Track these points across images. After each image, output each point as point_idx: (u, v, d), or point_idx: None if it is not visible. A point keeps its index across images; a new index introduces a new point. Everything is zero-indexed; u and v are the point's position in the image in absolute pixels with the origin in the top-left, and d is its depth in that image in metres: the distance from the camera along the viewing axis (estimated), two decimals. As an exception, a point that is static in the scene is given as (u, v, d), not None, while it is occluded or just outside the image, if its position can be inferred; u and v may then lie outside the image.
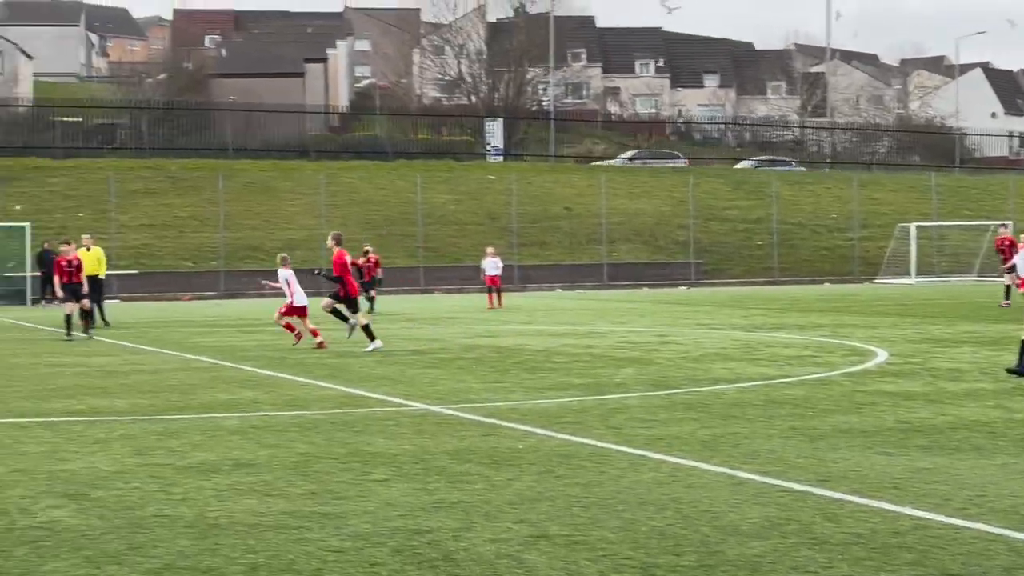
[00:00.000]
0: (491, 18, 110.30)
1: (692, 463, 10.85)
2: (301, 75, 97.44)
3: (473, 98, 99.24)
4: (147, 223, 60.23)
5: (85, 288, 27.87)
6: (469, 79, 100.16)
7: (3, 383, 18.60)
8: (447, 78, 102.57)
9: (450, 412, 14.52)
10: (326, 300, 24.70)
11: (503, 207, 66.62)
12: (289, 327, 25.26)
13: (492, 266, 40.67)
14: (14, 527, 8.75)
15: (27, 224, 51.88)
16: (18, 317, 38.86)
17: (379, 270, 38.21)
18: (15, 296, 49.54)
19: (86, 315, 28.24)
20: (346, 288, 23.86)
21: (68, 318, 27.48)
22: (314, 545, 8.10)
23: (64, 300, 27.67)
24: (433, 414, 14.44)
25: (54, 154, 67.49)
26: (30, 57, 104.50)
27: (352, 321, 23.92)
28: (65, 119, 73.04)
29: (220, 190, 60.80)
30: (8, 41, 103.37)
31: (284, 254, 26.89)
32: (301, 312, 25.14)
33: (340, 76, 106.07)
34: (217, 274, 57.29)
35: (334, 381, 18.21)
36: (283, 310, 25.31)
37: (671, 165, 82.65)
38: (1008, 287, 34.53)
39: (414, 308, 42.30)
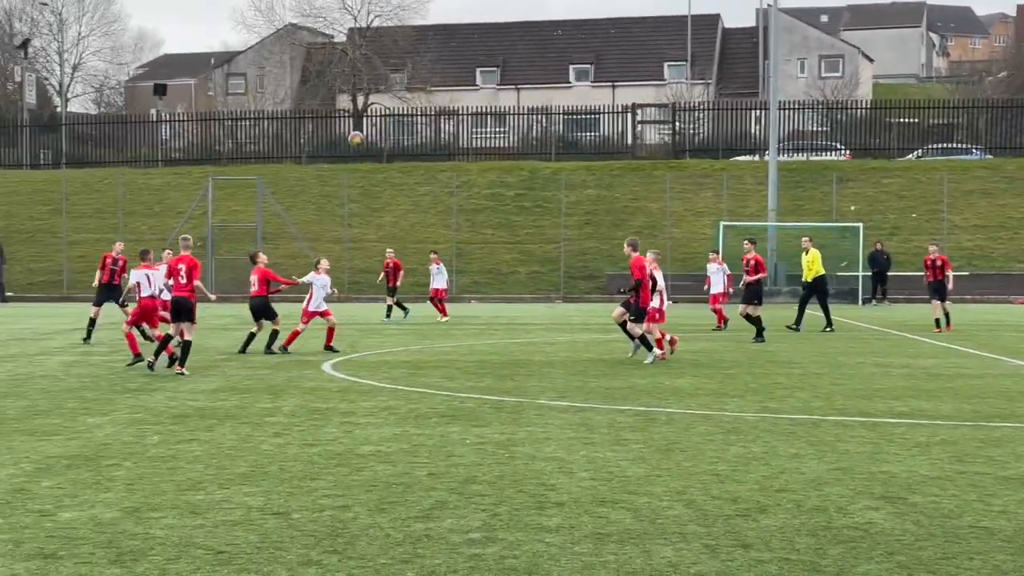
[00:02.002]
0: None
1: None
2: None
3: None
4: (980, 224, 59.17)
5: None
6: None
7: (829, 381, 19.07)
8: None
9: None
10: (618, 310, 23.28)
11: None
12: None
13: None
14: (831, 525, 8.93)
15: (860, 224, 52.90)
16: (850, 316, 39.74)
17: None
18: (848, 295, 50.67)
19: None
20: (638, 297, 22.09)
21: None
22: None
23: None
24: None
25: (890, 155, 68.22)
26: (870, 60, 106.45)
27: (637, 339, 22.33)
28: (901, 120, 73.51)
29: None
30: (850, 45, 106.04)
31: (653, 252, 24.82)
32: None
33: None
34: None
35: None
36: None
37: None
38: None
39: None
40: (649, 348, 22.02)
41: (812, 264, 31.10)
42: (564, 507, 9.53)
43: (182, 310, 20.37)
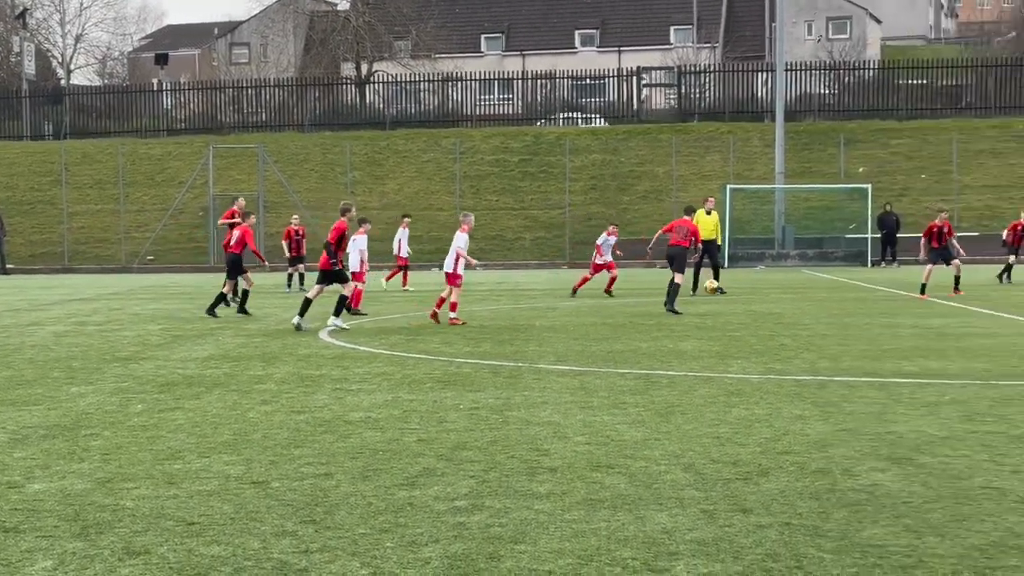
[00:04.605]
0: None
1: None
2: None
3: None
4: (991, 184, 58.53)
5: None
6: None
7: (836, 342, 18.63)
8: None
9: None
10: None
11: None
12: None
13: None
14: (835, 488, 8.51)
15: (868, 186, 52.33)
16: (857, 278, 39.29)
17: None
18: (856, 257, 50.22)
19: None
20: (335, 259, 21.84)
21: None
22: None
23: None
24: None
25: (898, 116, 67.50)
26: (878, 21, 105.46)
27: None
28: (910, 81, 72.77)
29: (1070, 149, 57.67)
30: (857, 6, 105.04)
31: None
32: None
33: None
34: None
35: None
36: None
37: None
38: None
39: None
40: (315, 311, 22.38)
41: (713, 226, 31.10)
42: (556, 472, 9.12)
43: None
